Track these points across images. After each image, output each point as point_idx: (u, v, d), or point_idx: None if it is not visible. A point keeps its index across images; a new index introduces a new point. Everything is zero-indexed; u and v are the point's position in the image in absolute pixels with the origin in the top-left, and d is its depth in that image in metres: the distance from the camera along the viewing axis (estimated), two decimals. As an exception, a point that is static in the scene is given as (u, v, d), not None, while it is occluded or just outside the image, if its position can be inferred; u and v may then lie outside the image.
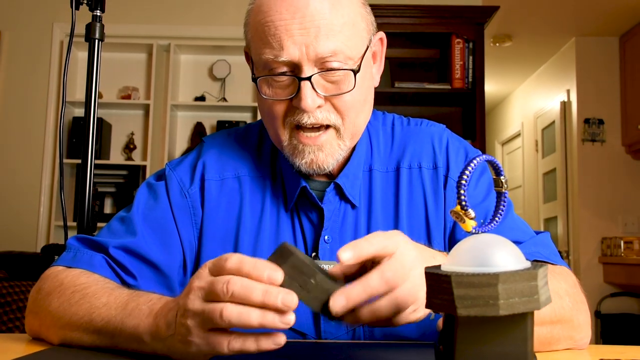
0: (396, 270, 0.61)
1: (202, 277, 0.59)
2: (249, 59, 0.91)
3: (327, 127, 0.85)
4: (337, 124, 0.85)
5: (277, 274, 0.57)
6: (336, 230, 0.90)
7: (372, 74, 0.92)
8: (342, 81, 0.83)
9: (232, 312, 0.55)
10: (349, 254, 0.59)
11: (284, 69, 0.82)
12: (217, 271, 0.59)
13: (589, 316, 0.81)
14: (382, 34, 0.93)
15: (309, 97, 0.81)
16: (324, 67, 0.81)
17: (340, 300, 0.59)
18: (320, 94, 0.82)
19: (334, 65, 0.81)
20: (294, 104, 0.83)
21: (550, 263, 0.84)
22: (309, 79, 0.81)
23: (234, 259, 0.58)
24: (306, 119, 0.83)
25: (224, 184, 0.94)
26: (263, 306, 0.55)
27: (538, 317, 0.68)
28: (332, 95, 0.83)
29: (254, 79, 0.86)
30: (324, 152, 0.85)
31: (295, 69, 0.82)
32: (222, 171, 0.95)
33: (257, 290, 0.55)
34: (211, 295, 0.57)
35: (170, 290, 0.89)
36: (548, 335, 0.74)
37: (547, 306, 0.70)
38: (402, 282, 0.61)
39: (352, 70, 0.83)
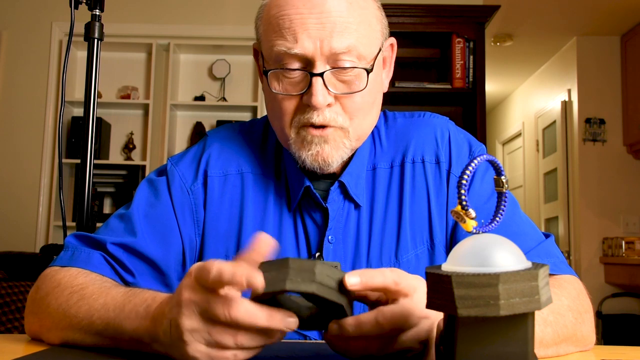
0: (402, 315, 0.58)
1: (193, 290, 0.57)
2: (257, 55, 0.90)
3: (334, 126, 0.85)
4: (345, 126, 0.84)
5: (256, 277, 0.54)
6: (339, 231, 0.90)
7: (382, 79, 0.91)
8: (353, 81, 0.83)
9: (247, 341, 0.57)
10: (356, 279, 0.57)
11: (296, 64, 0.81)
12: (203, 284, 0.57)
13: (592, 323, 0.81)
14: (393, 40, 0.93)
15: (320, 93, 0.80)
16: (336, 65, 0.81)
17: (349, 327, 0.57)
18: (332, 91, 0.82)
19: (347, 64, 0.81)
20: (304, 101, 0.82)
21: (554, 275, 0.83)
22: (321, 75, 0.80)
23: (214, 271, 0.55)
24: (315, 118, 0.82)
25: (227, 180, 0.93)
26: (268, 329, 0.56)
27: (544, 342, 0.69)
28: (343, 94, 0.82)
29: (265, 72, 0.85)
30: (329, 145, 0.84)
31: (307, 65, 0.81)
32: (226, 167, 0.94)
33: (261, 317, 0.55)
34: (209, 315, 0.56)
35: (168, 287, 0.89)
36: (555, 354, 0.74)
37: (550, 329, 0.70)
38: (407, 328, 0.59)
39: (365, 70, 0.82)
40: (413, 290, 0.59)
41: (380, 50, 0.87)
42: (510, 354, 0.48)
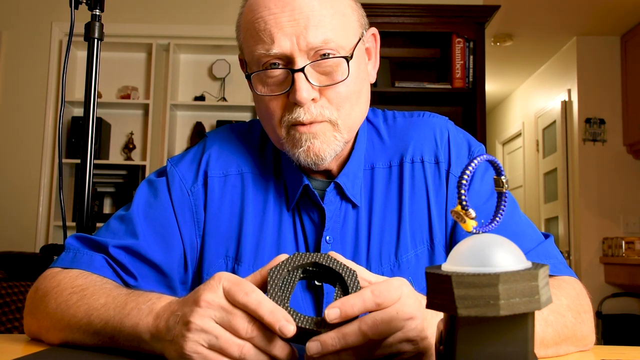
0: (386, 321, 0.57)
1: (217, 294, 0.58)
2: (243, 65, 0.91)
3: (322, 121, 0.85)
4: (332, 118, 0.84)
5: (290, 327, 0.56)
6: (337, 231, 0.90)
7: (368, 70, 0.91)
8: (335, 71, 0.83)
9: (251, 355, 0.58)
10: (335, 312, 0.57)
11: (277, 63, 0.82)
12: (232, 297, 0.58)
13: (592, 322, 0.81)
14: (374, 30, 0.93)
15: (304, 88, 0.80)
16: (316, 58, 0.81)
17: (316, 346, 0.57)
18: (315, 85, 0.82)
19: (326, 54, 0.82)
20: (290, 99, 0.83)
21: (553, 275, 0.83)
22: (302, 70, 0.80)
23: (253, 298, 0.57)
24: (302, 116, 0.82)
25: (227, 180, 0.93)
26: (276, 357, 0.58)
27: (544, 342, 0.69)
28: (326, 86, 0.83)
29: (247, 77, 0.86)
30: (319, 140, 0.84)
31: (288, 63, 0.82)
32: (226, 167, 0.94)
33: (278, 346, 0.58)
34: (227, 324, 0.57)
35: (171, 289, 0.89)
36: (555, 354, 0.74)
37: (551, 329, 0.71)
38: (393, 332, 0.58)
39: (345, 58, 0.82)
40: (396, 300, 0.59)
41: (360, 39, 0.87)
42: (510, 354, 0.48)
